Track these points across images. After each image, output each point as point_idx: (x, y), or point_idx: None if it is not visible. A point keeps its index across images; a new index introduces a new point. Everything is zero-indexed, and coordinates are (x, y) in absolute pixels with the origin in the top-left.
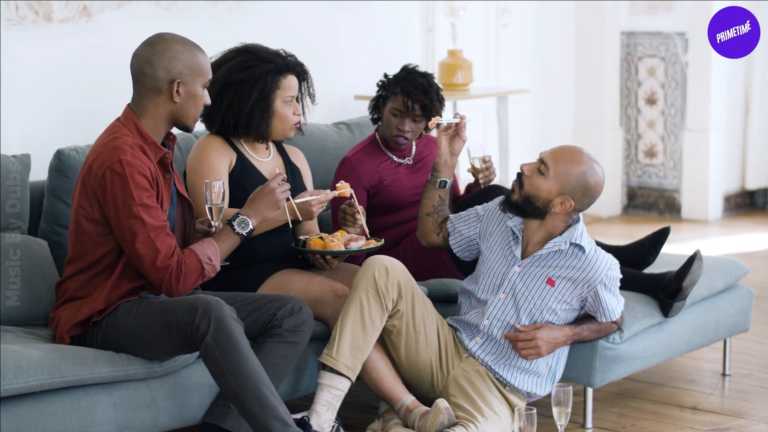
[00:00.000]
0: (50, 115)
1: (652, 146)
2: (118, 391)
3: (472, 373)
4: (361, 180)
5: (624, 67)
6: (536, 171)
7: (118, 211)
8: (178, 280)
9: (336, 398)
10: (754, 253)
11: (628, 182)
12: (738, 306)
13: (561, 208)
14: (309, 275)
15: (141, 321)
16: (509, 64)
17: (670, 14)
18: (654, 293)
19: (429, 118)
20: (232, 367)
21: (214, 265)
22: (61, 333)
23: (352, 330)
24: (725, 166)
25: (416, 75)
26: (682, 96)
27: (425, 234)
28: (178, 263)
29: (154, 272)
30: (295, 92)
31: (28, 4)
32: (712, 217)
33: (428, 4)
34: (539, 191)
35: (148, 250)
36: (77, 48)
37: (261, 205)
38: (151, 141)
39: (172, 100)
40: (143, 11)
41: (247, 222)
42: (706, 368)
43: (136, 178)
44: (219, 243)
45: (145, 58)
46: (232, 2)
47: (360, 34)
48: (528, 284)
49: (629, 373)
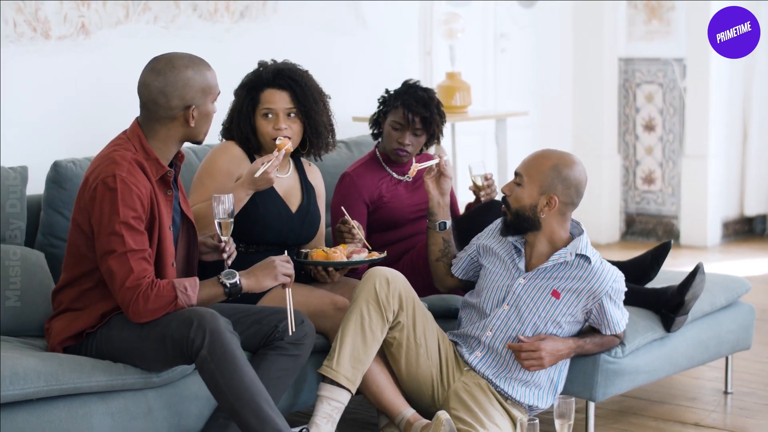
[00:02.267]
0: (48, 130)
1: (650, 172)
2: (115, 400)
3: (473, 387)
4: (362, 195)
5: (622, 93)
6: (514, 186)
7: (101, 224)
8: (147, 301)
9: (336, 410)
10: (754, 278)
11: (627, 209)
12: (740, 323)
13: (548, 208)
14: (309, 288)
15: (135, 334)
16: (507, 90)
17: (667, 40)
18: (656, 308)
19: (429, 132)
20: (228, 380)
21: (189, 296)
22: (53, 344)
23: (352, 341)
24: (724, 192)
25: (417, 89)
26: (680, 122)
27: (440, 279)
28: (149, 285)
29: (122, 292)
30: (277, 105)
31: (26, 21)
32: (710, 244)
33: (426, 28)
34: (522, 201)
35: (120, 269)
36: (75, 65)
37: (259, 271)
38: (153, 157)
39: (188, 125)
40: (141, 29)
41: (234, 274)
42: (707, 387)
43: (126, 195)
44: (201, 286)
45: (158, 89)
46: (231, 22)
47: (358, 57)
48: (533, 296)
49: (631, 387)
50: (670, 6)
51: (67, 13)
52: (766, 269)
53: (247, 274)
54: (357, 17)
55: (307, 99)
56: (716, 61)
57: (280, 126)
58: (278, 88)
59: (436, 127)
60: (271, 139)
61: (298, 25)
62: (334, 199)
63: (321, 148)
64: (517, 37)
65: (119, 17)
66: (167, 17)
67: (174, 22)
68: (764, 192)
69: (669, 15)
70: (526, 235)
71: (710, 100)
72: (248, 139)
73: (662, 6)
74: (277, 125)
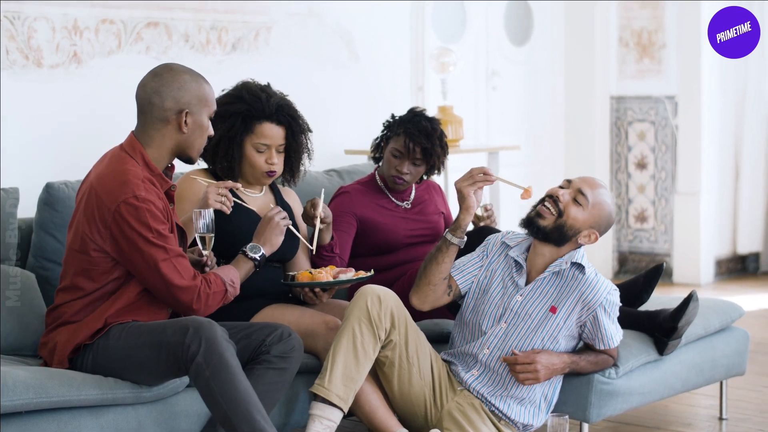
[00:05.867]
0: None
1: (642, 211)
2: (105, 415)
3: (466, 407)
4: (353, 207)
5: (614, 131)
6: (571, 200)
7: (137, 242)
8: (207, 298)
9: (328, 429)
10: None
11: (619, 247)
12: (734, 347)
13: (586, 240)
14: (300, 309)
15: (132, 342)
16: (499, 128)
17: (659, 78)
18: (649, 331)
19: (429, 163)
20: (223, 389)
21: (236, 288)
22: (60, 357)
23: (344, 360)
24: (716, 230)
25: (421, 118)
26: (672, 159)
27: (436, 299)
28: (204, 282)
29: (181, 293)
30: (273, 141)
31: (18, 49)
32: (704, 281)
33: (418, 62)
34: (576, 222)
35: (173, 273)
36: (67, 94)
37: (267, 233)
38: (158, 173)
39: (180, 131)
40: (133, 60)
41: (258, 247)
42: (702, 413)
43: (153, 211)
44: (237, 269)
45: (153, 89)
46: (223, 54)
47: (350, 90)
48: (530, 313)
49: (626, 409)
50: (661, 44)
51: (59, 42)
52: (760, 304)
53: (261, 241)
54: (349, 51)
55: (298, 136)
56: (708, 97)
57: (274, 161)
58: (277, 123)
59: (437, 158)
60: (262, 173)
61: (291, 58)
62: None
63: (295, 176)
64: (509, 74)
65: (111, 47)
66: (159, 48)
67: (166, 53)
68: (757, 230)
69: (660, 53)
70: (542, 242)
71: (702, 137)
72: (232, 168)
73: (653, 44)
74: (270, 160)
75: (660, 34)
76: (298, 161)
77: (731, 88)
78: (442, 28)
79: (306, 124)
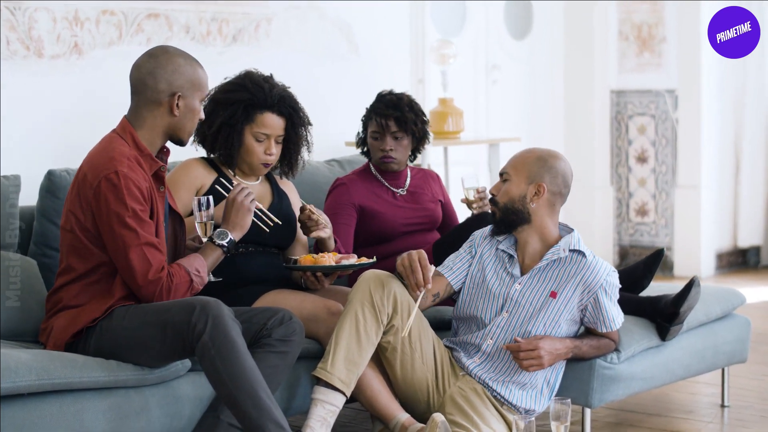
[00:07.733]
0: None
1: (643, 204)
2: (108, 398)
3: (468, 391)
4: (351, 197)
5: (614, 125)
6: (501, 184)
7: (111, 221)
8: (169, 293)
9: (330, 414)
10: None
11: (620, 241)
12: (736, 334)
13: (537, 197)
14: (302, 294)
15: (136, 323)
16: (499, 121)
17: (659, 71)
18: (651, 316)
19: (409, 132)
20: (229, 368)
21: (202, 278)
22: (56, 342)
23: (347, 343)
24: (717, 223)
25: (386, 95)
26: (672, 153)
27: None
28: (168, 276)
29: (146, 285)
30: (273, 131)
31: (19, 39)
32: (704, 275)
33: (418, 54)
34: (511, 193)
35: (140, 263)
36: (68, 84)
37: (233, 217)
38: (147, 153)
39: (172, 113)
40: (134, 51)
41: (225, 233)
42: (704, 401)
43: (132, 189)
44: (204, 257)
45: (148, 70)
46: (223, 46)
47: (350, 82)
48: (531, 300)
49: (628, 394)
50: (661, 38)
51: (60, 32)
52: (761, 297)
53: (229, 226)
54: (349, 43)
55: (298, 128)
56: (708, 91)
57: (272, 151)
58: (278, 114)
59: (413, 125)
60: (259, 162)
61: (291, 50)
62: (326, 204)
63: (294, 168)
64: (509, 68)
65: (112, 38)
66: (160, 39)
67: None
68: (757, 223)
69: (660, 47)
70: (516, 231)
71: (702, 131)
72: (231, 155)
73: (653, 38)
74: (269, 150)
75: (660, 27)
76: (297, 153)
77: (731, 82)
78: (442, 21)
79: (306, 117)
